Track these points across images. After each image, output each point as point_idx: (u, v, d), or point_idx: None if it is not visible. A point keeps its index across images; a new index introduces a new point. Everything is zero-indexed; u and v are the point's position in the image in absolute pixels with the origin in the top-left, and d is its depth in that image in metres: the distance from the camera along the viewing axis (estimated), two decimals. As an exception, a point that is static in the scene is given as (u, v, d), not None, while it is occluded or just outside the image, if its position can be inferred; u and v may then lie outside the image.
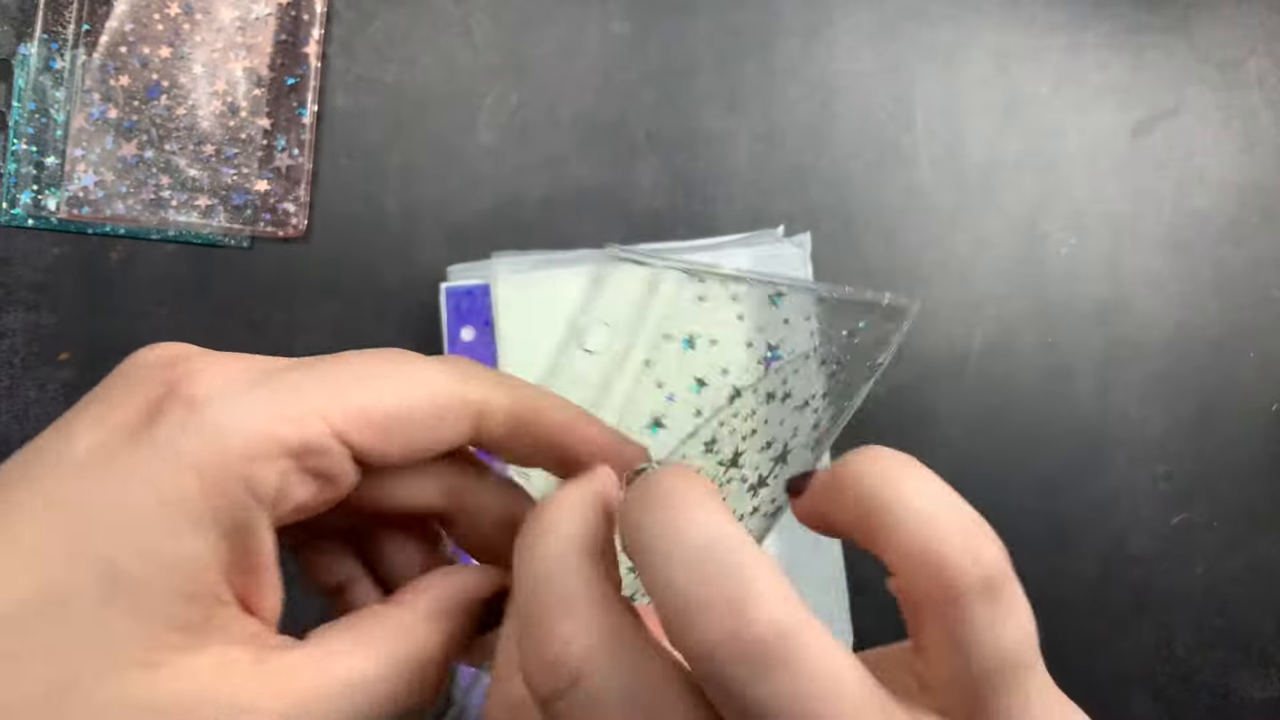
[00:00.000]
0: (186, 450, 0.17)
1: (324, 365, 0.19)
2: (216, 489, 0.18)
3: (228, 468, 0.18)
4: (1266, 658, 0.47)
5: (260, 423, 0.18)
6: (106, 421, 0.18)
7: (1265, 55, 0.49)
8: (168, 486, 0.17)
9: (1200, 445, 0.48)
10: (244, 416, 0.18)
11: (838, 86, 0.48)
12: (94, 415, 0.18)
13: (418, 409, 0.19)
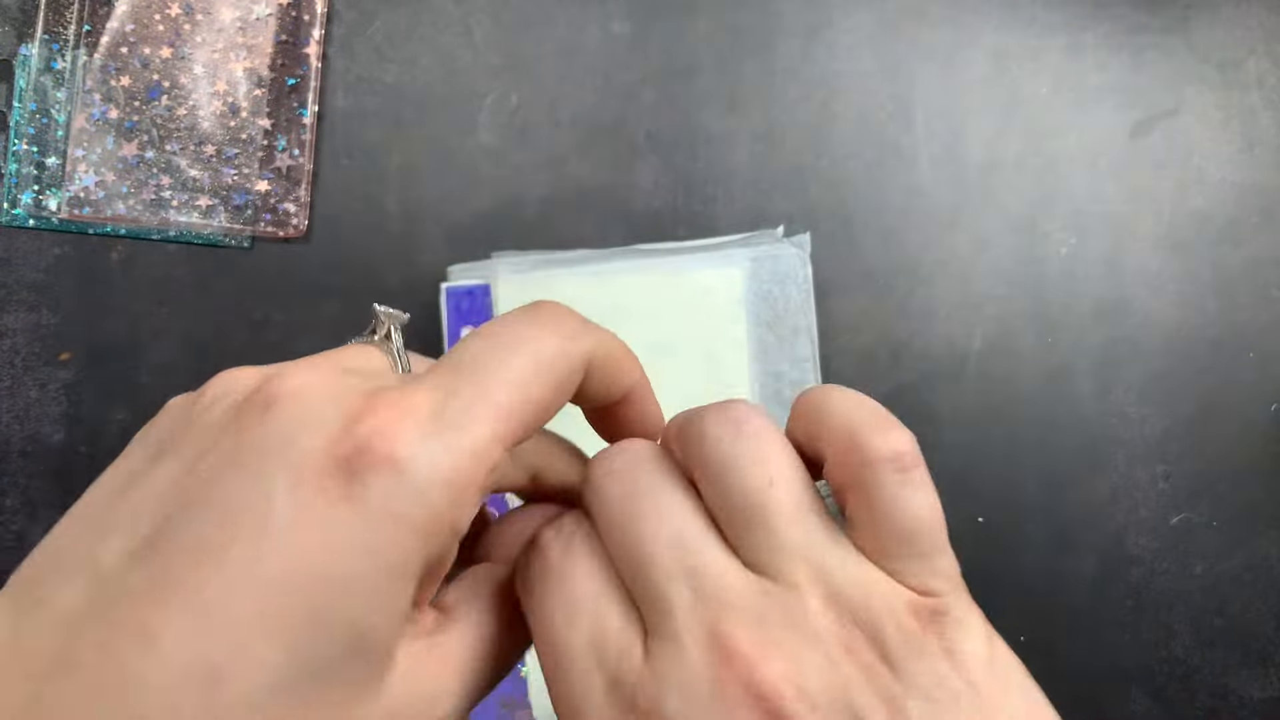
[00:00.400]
0: (403, 514, 0.18)
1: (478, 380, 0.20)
2: (432, 541, 0.19)
3: (439, 520, 0.19)
4: (1266, 657, 0.47)
5: (461, 473, 0.19)
6: (305, 480, 0.18)
7: (1265, 55, 0.49)
8: (392, 553, 0.18)
9: (1200, 445, 0.48)
10: (446, 470, 0.19)
11: (838, 86, 0.48)
12: (286, 471, 0.18)
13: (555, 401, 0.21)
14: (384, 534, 0.18)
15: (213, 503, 0.18)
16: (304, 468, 0.18)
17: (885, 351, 0.47)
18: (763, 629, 0.19)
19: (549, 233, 0.47)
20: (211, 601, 0.17)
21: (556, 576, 0.21)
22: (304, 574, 0.18)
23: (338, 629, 0.18)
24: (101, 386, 0.45)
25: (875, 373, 0.47)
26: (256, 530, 0.18)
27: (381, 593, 0.18)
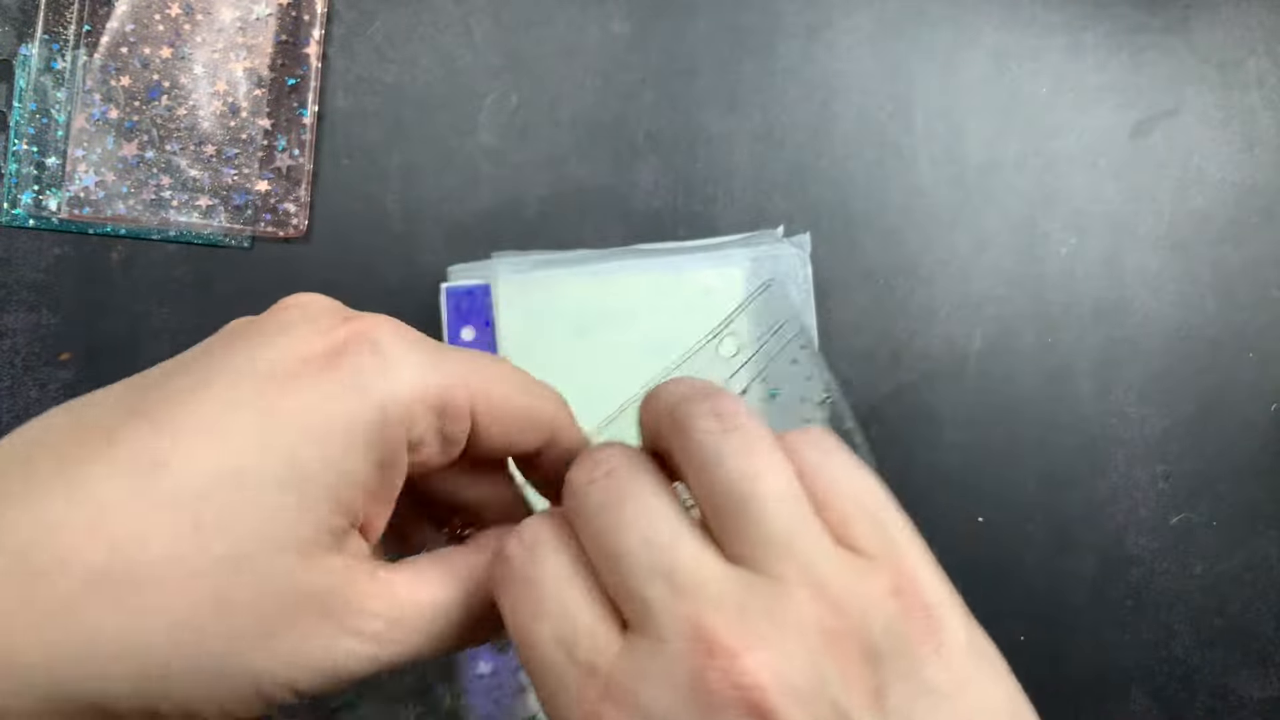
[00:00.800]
0: (372, 388, 0.21)
1: (472, 357, 0.23)
2: (388, 425, 0.21)
3: (398, 409, 0.21)
4: (1265, 657, 0.47)
5: (425, 378, 0.21)
6: (293, 348, 0.21)
7: (1265, 56, 0.49)
8: (352, 412, 0.20)
9: (1199, 445, 0.48)
10: (415, 370, 0.21)
11: (838, 86, 0.48)
12: (277, 341, 0.21)
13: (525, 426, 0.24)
14: (350, 395, 0.20)
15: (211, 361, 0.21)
16: (298, 344, 0.21)
17: (885, 351, 0.47)
18: (745, 621, 0.19)
19: (549, 233, 0.47)
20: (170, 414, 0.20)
21: (523, 580, 0.22)
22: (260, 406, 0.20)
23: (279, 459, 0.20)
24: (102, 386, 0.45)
25: (875, 373, 0.47)
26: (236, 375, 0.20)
27: (327, 446, 0.20)
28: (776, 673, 0.19)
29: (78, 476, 0.19)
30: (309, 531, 0.20)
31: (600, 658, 0.20)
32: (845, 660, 0.19)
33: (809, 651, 0.19)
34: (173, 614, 0.19)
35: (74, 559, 0.18)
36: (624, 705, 0.19)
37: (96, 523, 0.19)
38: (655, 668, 0.19)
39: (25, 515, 0.19)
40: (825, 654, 0.19)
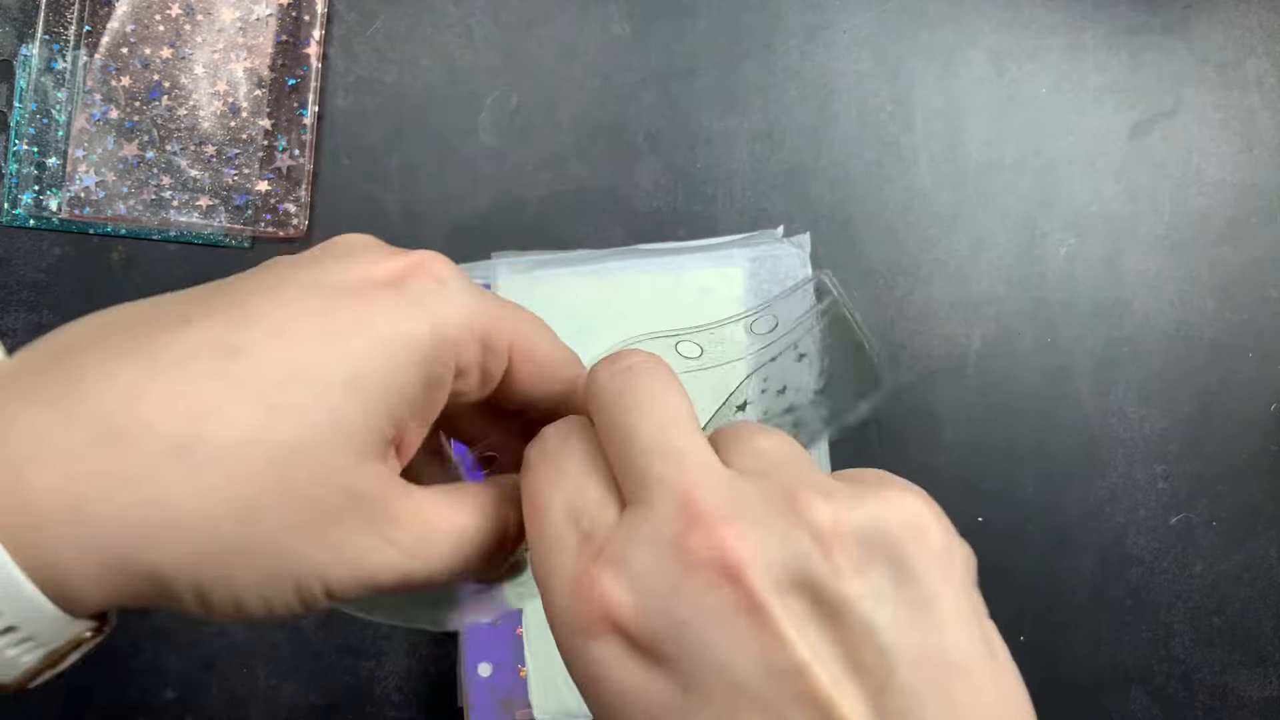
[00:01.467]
0: (433, 310, 0.22)
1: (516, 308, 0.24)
2: (441, 345, 0.22)
3: (451, 333, 0.22)
4: (1265, 657, 0.47)
5: (476, 310, 0.23)
6: (360, 270, 0.22)
7: (1264, 56, 0.49)
8: (413, 331, 0.22)
9: (1199, 445, 0.48)
10: (469, 301, 0.23)
11: (838, 86, 0.48)
12: (344, 264, 0.22)
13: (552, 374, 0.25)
14: (411, 314, 0.22)
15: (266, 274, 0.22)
16: (362, 267, 0.22)
17: (885, 352, 0.47)
18: (735, 500, 0.21)
19: (549, 233, 0.47)
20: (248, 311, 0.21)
21: (551, 455, 0.24)
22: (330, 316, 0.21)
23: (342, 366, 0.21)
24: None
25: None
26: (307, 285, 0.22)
27: (385, 359, 0.21)
28: (753, 544, 0.20)
29: (157, 352, 0.20)
30: (365, 435, 0.21)
31: (599, 527, 0.22)
32: (825, 544, 0.20)
33: (789, 532, 0.20)
34: (239, 493, 0.20)
35: (156, 428, 0.19)
36: (612, 563, 0.21)
37: (177, 395, 0.19)
38: (644, 530, 0.21)
39: (107, 384, 0.19)
40: (806, 537, 0.20)
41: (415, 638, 0.45)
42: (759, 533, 0.20)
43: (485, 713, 0.42)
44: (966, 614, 0.21)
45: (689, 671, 0.20)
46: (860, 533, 0.21)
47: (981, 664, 0.21)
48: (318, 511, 0.21)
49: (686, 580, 0.20)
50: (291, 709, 0.44)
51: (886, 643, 0.20)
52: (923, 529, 0.21)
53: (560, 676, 0.42)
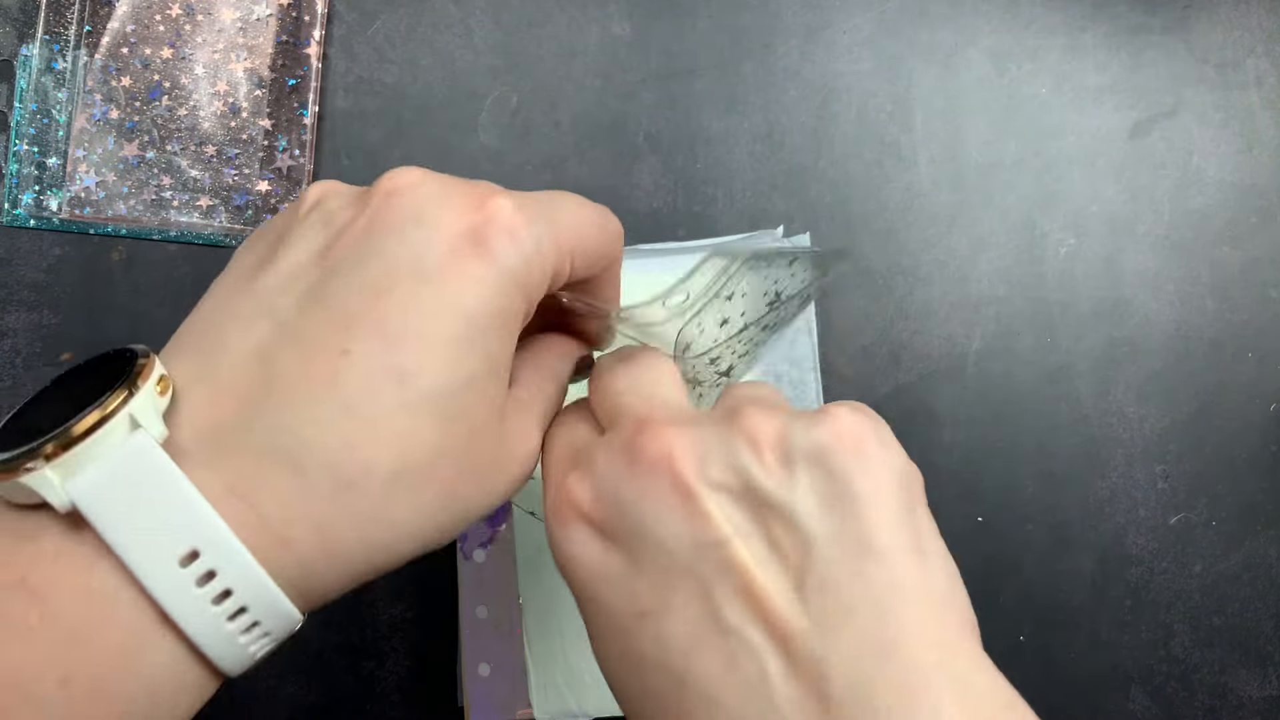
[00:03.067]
0: (515, 270, 0.24)
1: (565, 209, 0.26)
2: (527, 299, 0.25)
3: (534, 284, 0.25)
4: (1265, 656, 0.47)
5: (547, 256, 0.25)
6: (444, 241, 0.24)
7: (1264, 56, 0.49)
8: (516, 303, 0.24)
9: (1199, 445, 0.48)
10: (541, 250, 0.25)
11: (838, 86, 0.48)
12: (427, 233, 0.24)
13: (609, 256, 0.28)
14: (505, 283, 0.24)
15: (369, 260, 0.24)
16: (442, 232, 0.24)
17: (885, 351, 0.47)
18: (684, 417, 0.25)
19: (549, 233, 0.47)
20: (390, 327, 0.23)
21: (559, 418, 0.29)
22: (453, 308, 0.23)
23: (479, 352, 0.24)
24: (102, 386, 0.45)
25: (875, 373, 0.47)
26: (414, 277, 0.23)
27: (502, 329, 0.24)
28: (689, 441, 0.24)
29: (339, 389, 0.23)
30: (502, 402, 0.25)
31: (582, 446, 0.27)
32: (759, 448, 0.24)
33: (728, 437, 0.24)
34: (443, 491, 0.24)
35: (375, 468, 0.23)
36: (580, 466, 0.25)
37: (381, 434, 0.23)
38: (607, 441, 0.25)
39: (320, 435, 0.22)
40: (743, 442, 0.24)
41: (415, 638, 0.45)
42: (699, 435, 0.24)
43: (485, 713, 0.42)
44: (893, 513, 0.23)
45: (634, 546, 0.24)
46: (797, 441, 0.23)
47: (904, 556, 0.22)
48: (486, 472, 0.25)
49: (632, 471, 0.24)
50: (291, 709, 0.44)
51: (806, 527, 0.23)
52: (859, 439, 0.24)
53: (561, 677, 0.42)
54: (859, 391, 0.47)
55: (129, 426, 0.21)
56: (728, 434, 0.24)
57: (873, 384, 0.47)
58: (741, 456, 0.23)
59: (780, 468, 0.23)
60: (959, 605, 0.23)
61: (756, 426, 0.24)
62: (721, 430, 0.24)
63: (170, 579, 0.21)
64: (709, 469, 0.23)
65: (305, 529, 0.22)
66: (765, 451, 0.23)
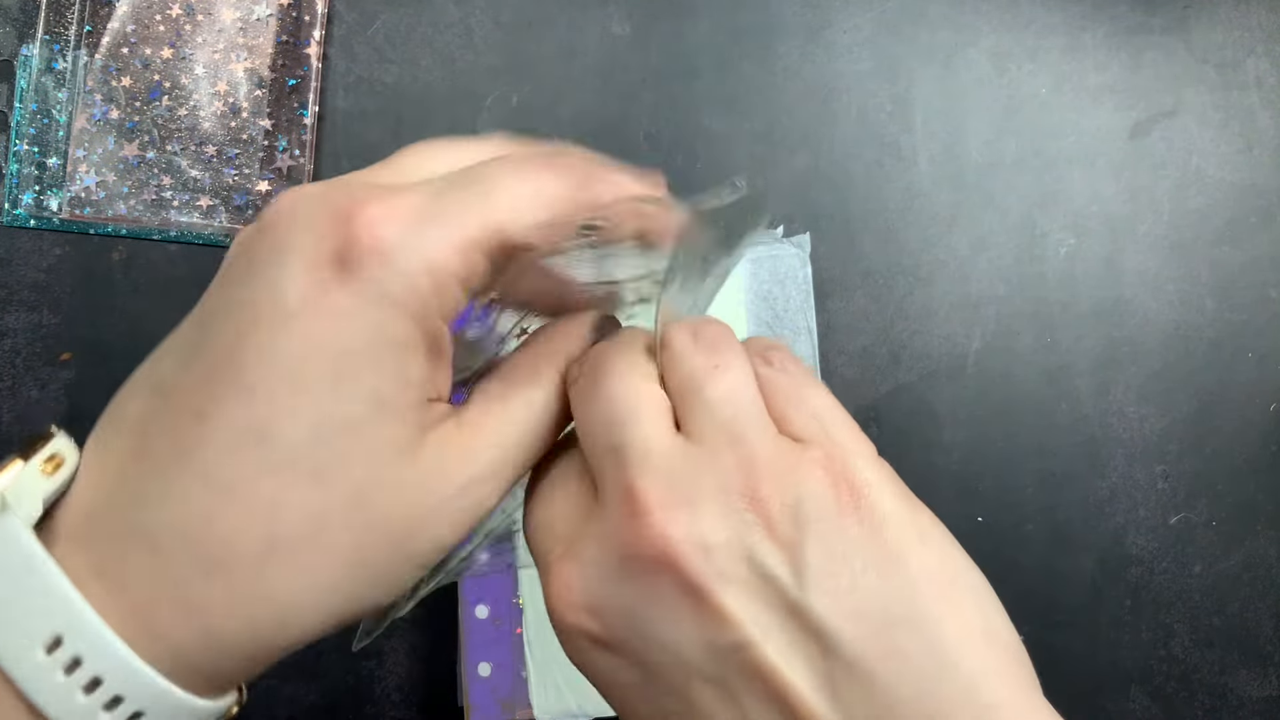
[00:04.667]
0: (394, 294, 0.21)
1: (472, 188, 0.22)
2: (423, 322, 0.22)
3: (426, 303, 0.21)
4: (1264, 656, 0.47)
5: (441, 263, 0.21)
6: (304, 273, 0.21)
7: (1264, 56, 0.49)
8: (395, 333, 0.21)
9: (1198, 445, 0.48)
10: (428, 259, 0.21)
11: (838, 87, 0.48)
12: (286, 269, 0.21)
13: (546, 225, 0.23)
14: (380, 312, 0.21)
15: (232, 308, 0.22)
16: (301, 263, 0.21)
17: (885, 351, 0.47)
18: (672, 486, 0.21)
19: (549, 233, 0.47)
20: (246, 381, 0.21)
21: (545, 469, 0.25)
22: (319, 348, 0.21)
23: (356, 393, 0.21)
24: (102, 387, 0.45)
25: (875, 373, 0.47)
26: (273, 319, 0.21)
27: (387, 362, 0.21)
28: (689, 528, 0.21)
29: (197, 458, 0.21)
30: (409, 441, 0.22)
31: (571, 529, 0.23)
32: (767, 518, 0.21)
33: (729, 510, 0.21)
34: (339, 558, 0.21)
35: (240, 545, 0.20)
36: (574, 560, 0.22)
37: (242, 503, 0.21)
38: (597, 528, 0.22)
39: (181, 512, 0.21)
40: (746, 512, 0.21)
41: (415, 638, 0.45)
42: (696, 515, 0.21)
43: (485, 713, 0.42)
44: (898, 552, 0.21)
45: (643, 656, 0.21)
46: (794, 503, 0.21)
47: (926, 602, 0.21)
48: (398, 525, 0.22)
49: (630, 572, 0.21)
50: (291, 709, 0.44)
51: (822, 610, 0.20)
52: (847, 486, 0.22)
53: (561, 677, 0.42)
54: (859, 391, 0.47)
55: None
56: (726, 506, 0.21)
57: (873, 384, 0.47)
58: (750, 537, 0.21)
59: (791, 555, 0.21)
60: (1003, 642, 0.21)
61: (758, 490, 0.21)
62: (718, 502, 0.21)
63: (33, 667, 0.20)
64: (716, 559, 0.21)
65: (174, 613, 0.20)
66: (775, 523, 0.21)
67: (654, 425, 0.23)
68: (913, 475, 0.23)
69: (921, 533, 0.22)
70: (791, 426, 0.23)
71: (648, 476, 0.22)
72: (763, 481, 0.21)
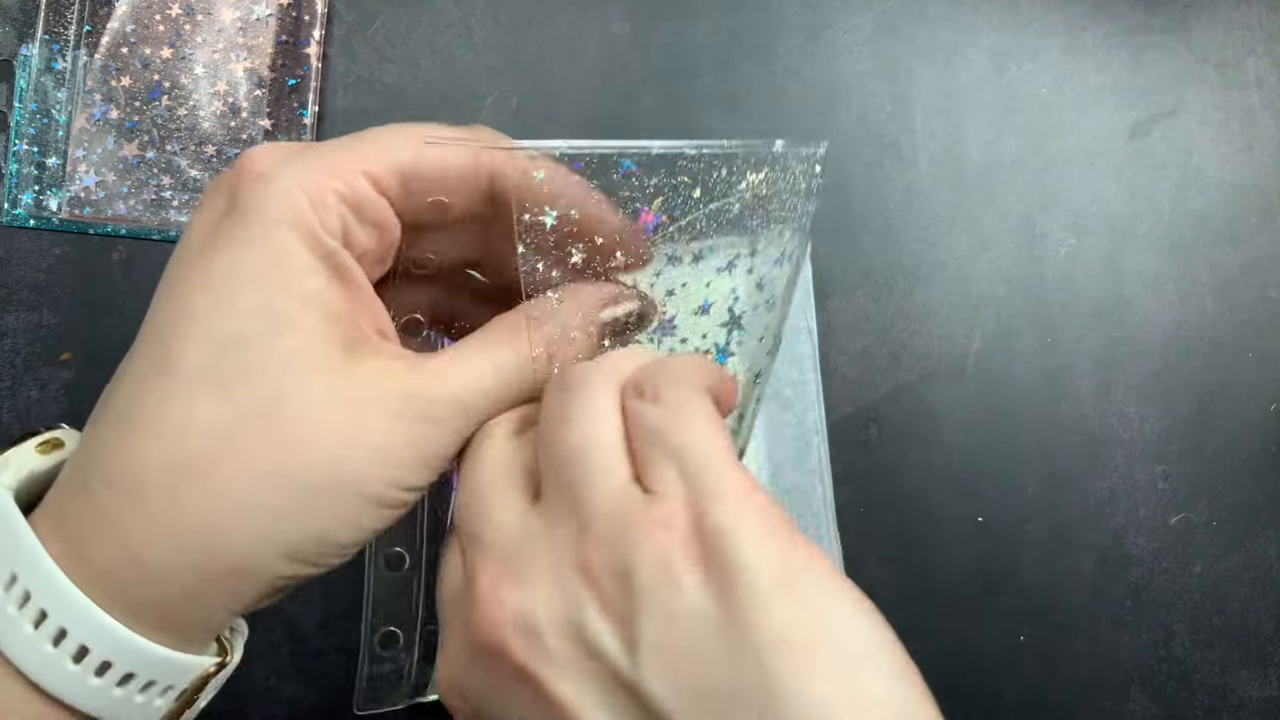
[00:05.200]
0: (273, 212, 0.22)
1: (349, 139, 0.23)
2: (308, 238, 0.22)
3: (306, 218, 0.22)
4: (1265, 657, 0.47)
5: (316, 180, 0.22)
6: (203, 218, 0.23)
7: (1264, 56, 0.49)
8: (276, 245, 0.22)
9: (1199, 445, 0.48)
10: (301, 178, 0.22)
11: (838, 87, 0.48)
12: (193, 220, 0.23)
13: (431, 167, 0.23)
14: (258, 229, 0.22)
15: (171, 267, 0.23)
16: (204, 215, 0.23)
17: (885, 351, 0.47)
18: (508, 568, 0.21)
19: (549, 233, 0.47)
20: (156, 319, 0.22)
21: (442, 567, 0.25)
22: (209, 275, 0.22)
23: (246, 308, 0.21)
24: (102, 387, 0.45)
25: (875, 373, 0.47)
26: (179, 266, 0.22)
27: (271, 275, 0.22)
28: (516, 609, 0.20)
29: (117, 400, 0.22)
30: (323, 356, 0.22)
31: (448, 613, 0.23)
32: (599, 590, 0.20)
33: (561, 588, 0.20)
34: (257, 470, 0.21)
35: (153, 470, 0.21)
36: (446, 642, 0.22)
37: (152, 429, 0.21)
38: (455, 616, 0.22)
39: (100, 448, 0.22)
40: (579, 587, 0.20)
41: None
42: (524, 594, 0.20)
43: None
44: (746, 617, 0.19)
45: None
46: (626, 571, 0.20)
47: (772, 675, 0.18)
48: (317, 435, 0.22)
49: (476, 659, 0.21)
50: (291, 709, 0.44)
51: (656, 689, 0.19)
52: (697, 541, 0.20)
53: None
54: (859, 391, 0.47)
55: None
56: (558, 576, 0.20)
57: (873, 384, 0.47)
58: (580, 613, 0.20)
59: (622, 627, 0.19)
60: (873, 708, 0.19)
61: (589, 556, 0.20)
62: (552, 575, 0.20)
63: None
64: (544, 640, 0.20)
65: (107, 548, 0.21)
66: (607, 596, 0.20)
67: (500, 505, 0.22)
68: (912, 475, 0.23)
69: (787, 581, 0.19)
70: (648, 472, 0.21)
71: (487, 560, 0.21)
72: (594, 550, 0.20)
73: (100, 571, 0.21)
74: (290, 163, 0.22)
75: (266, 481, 0.21)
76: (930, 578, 0.45)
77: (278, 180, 0.22)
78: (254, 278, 0.22)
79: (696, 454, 0.21)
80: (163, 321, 0.22)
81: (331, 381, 0.22)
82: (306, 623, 0.44)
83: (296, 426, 0.21)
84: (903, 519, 0.45)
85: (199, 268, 0.22)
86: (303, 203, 0.22)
